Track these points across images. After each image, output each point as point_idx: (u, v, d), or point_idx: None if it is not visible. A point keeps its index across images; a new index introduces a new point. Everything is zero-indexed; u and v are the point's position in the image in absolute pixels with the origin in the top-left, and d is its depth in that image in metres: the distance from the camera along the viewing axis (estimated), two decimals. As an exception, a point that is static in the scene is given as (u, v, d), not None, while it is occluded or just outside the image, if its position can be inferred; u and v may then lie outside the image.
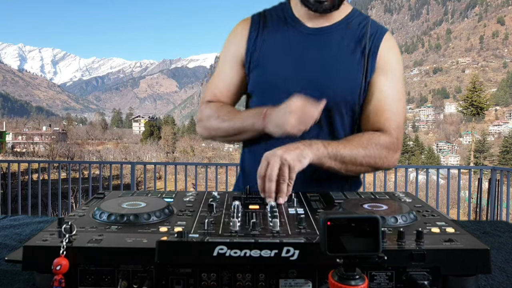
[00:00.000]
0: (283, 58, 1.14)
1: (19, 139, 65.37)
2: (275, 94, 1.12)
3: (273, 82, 1.14)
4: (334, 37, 1.15)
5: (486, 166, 6.98)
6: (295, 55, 1.14)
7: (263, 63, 1.16)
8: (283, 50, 1.15)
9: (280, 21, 1.19)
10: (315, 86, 1.10)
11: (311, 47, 1.14)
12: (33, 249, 0.64)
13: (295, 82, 1.11)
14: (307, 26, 1.16)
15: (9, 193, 5.70)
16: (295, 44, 1.15)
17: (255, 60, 1.17)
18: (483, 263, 0.63)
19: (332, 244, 0.49)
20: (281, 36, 1.16)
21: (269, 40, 1.16)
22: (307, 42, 1.14)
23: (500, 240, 1.02)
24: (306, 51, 1.14)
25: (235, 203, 0.81)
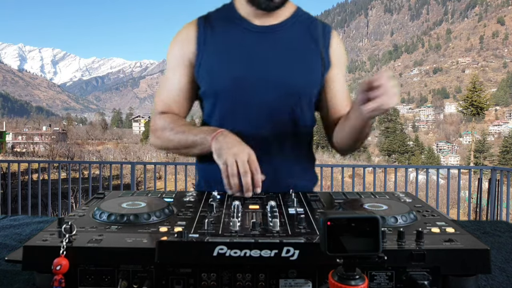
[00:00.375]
0: (235, 59, 1.12)
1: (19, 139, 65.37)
2: (229, 96, 1.12)
3: (226, 85, 1.12)
4: (285, 34, 1.15)
5: (486, 166, 6.98)
6: (247, 55, 1.12)
7: (214, 66, 1.13)
8: (234, 50, 1.13)
9: (227, 22, 1.17)
10: (268, 85, 1.10)
11: (263, 45, 1.13)
12: (33, 249, 0.64)
13: (246, 83, 1.11)
14: (256, 25, 1.15)
15: (9, 193, 5.70)
16: (245, 43, 1.13)
17: (205, 63, 1.14)
18: (483, 263, 0.63)
19: (332, 244, 0.49)
20: (230, 37, 1.15)
21: (218, 42, 1.14)
22: (257, 40, 1.13)
23: (500, 240, 1.02)
24: (258, 49, 1.13)
25: (235, 203, 0.81)
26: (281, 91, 1.11)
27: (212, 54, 1.13)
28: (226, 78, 1.11)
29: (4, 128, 63.98)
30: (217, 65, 1.13)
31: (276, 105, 1.12)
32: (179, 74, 1.18)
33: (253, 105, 1.11)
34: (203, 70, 1.14)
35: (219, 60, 1.13)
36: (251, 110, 1.12)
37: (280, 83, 1.11)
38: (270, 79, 1.10)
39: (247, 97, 1.11)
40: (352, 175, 6.75)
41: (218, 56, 1.13)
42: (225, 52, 1.13)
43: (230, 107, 1.13)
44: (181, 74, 1.18)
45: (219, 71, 1.12)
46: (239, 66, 1.11)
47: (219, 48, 1.14)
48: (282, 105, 1.12)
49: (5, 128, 65.99)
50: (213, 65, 1.13)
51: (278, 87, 1.11)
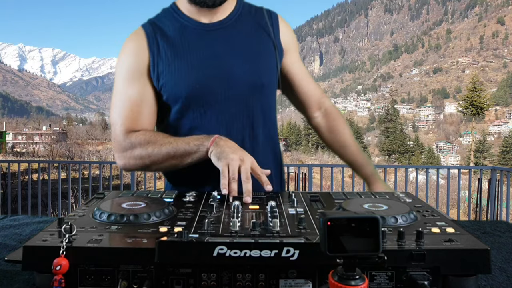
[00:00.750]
0: (194, 61, 1.10)
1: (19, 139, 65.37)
2: (194, 98, 1.10)
3: (189, 88, 1.09)
4: (236, 28, 1.15)
5: (486, 166, 6.99)
6: (205, 55, 1.11)
7: (174, 71, 1.10)
8: (191, 52, 1.11)
9: (175, 24, 1.14)
10: (233, 81, 1.11)
11: (218, 43, 1.12)
12: (33, 249, 0.64)
13: (212, 82, 1.10)
14: (206, 23, 1.13)
15: (9, 193, 5.70)
16: (200, 43, 1.12)
17: (164, 70, 1.10)
18: (483, 263, 0.63)
19: (332, 244, 0.49)
20: (184, 39, 1.12)
21: (173, 47, 1.11)
22: (211, 38, 1.13)
23: (500, 240, 1.02)
24: (213, 48, 1.12)
25: (235, 203, 0.81)
26: (245, 86, 1.12)
27: (170, 60, 1.10)
28: (188, 81, 1.09)
29: (4, 128, 63.98)
30: (177, 70, 1.10)
31: (243, 100, 1.13)
32: (138, 86, 1.11)
33: (220, 103, 1.11)
34: (164, 77, 1.10)
35: (178, 65, 1.10)
36: (220, 109, 1.12)
37: (242, 78, 1.12)
38: (232, 75, 1.11)
39: (214, 97, 1.11)
40: (352, 175, 6.75)
41: (176, 61, 1.10)
42: (182, 56, 1.10)
43: (197, 110, 1.12)
44: (140, 85, 1.11)
45: (180, 76, 1.09)
46: (199, 67, 1.10)
47: (175, 52, 1.10)
48: (249, 99, 1.14)
49: (5, 128, 65.99)
50: (173, 71, 1.10)
51: (242, 82, 1.12)
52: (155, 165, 1.09)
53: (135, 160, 1.09)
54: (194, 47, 1.11)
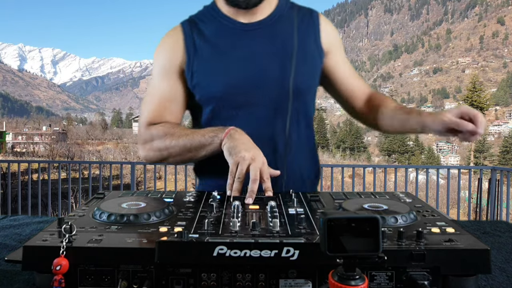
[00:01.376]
0: (230, 61, 1.09)
1: (19, 139, 65.36)
2: (228, 101, 1.09)
3: (224, 88, 1.08)
4: (276, 28, 1.12)
5: (486, 166, 6.98)
6: (243, 55, 1.09)
7: (209, 71, 1.09)
8: (228, 52, 1.09)
9: (214, 23, 1.13)
10: (268, 84, 1.08)
11: (257, 43, 1.10)
12: (33, 249, 0.64)
13: (246, 84, 1.08)
14: (244, 23, 1.11)
15: (9, 193, 5.70)
16: (239, 43, 1.10)
17: (199, 69, 1.09)
18: (483, 263, 0.63)
19: (332, 244, 0.49)
20: (222, 39, 1.11)
21: (210, 46, 1.10)
22: (250, 39, 1.10)
23: (500, 240, 1.02)
24: (252, 48, 1.09)
25: (235, 203, 0.81)
26: (280, 90, 1.08)
27: (206, 59, 1.10)
28: (222, 82, 1.08)
29: (4, 128, 63.99)
30: (213, 69, 1.09)
31: (277, 104, 1.10)
32: (169, 83, 1.13)
33: (255, 106, 1.09)
34: (198, 76, 1.10)
35: (214, 65, 1.09)
36: (254, 111, 1.09)
37: (278, 81, 1.08)
38: (269, 77, 1.08)
39: (247, 99, 1.09)
40: (352, 175, 6.75)
41: (213, 60, 1.09)
42: (219, 56, 1.09)
43: (229, 112, 1.10)
44: (172, 82, 1.12)
45: (216, 76, 1.09)
46: (236, 68, 1.08)
47: (212, 52, 1.10)
48: (284, 103, 1.10)
49: (5, 128, 65.98)
50: (207, 70, 1.09)
51: (277, 86, 1.08)
52: (173, 157, 1.10)
53: (154, 152, 1.11)
54: (231, 47, 1.10)
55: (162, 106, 1.13)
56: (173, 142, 1.07)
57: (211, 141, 1.02)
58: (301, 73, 1.10)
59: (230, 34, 1.11)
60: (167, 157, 1.10)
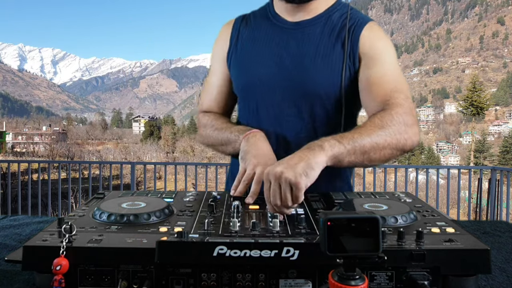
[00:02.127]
0: (263, 56, 1.11)
1: (19, 139, 65.36)
2: (257, 93, 1.11)
3: (253, 81, 1.11)
4: (314, 30, 1.10)
5: (486, 166, 6.99)
6: (275, 52, 1.10)
7: (242, 63, 1.14)
8: (263, 47, 1.12)
9: (262, 19, 1.17)
10: (295, 82, 1.08)
11: (291, 42, 1.10)
12: (33, 249, 0.64)
13: (275, 80, 1.09)
14: (288, 21, 1.12)
15: (9, 193, 5.70)
16: (274, 40, 1.12)
17: (235, 60, 1.15)
18: (483, 263, 0.63)
19: (332, 244, 0.49)
20: (261, 34, 1.14)
21: (249, 39, 1.14)
22: (286, 37, 1.11)
23: (500, 240, 1.02)
24: (285, 46, 1.10)
25: (235, 203, 0.81)
26: (300, 90, 1.08)
27: (240, 52, 1.15)
28: (251, 75, 1.12)
29: (4, 128, 63.97)
30: (245, 62, 1.14)
31: (296, 105, 1.09)
32: (217, 73, 1.20)
33: (275, 104, 1.10)
34: (233, 67, 1.16)
35: (246, 57, 1.13)
36: (273, 109, 1.10)
37: (299, 82, 1.08)
38: (291, 77, 1.08)
39: (270, 96, 1.10)
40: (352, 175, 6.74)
41: (246, 53, 1.14)
42: (252, 49, 1.13)
43: (254, 105, 1.13)
44: (220, 72, 1.20)
45: (245, 68, 1.13)
46: (264, 64, 1.10)
47: (248, 44, 1.14)
48: (302, 104, 1.09)
49: (5, 128, 65.97)
50: (240, 61, 1.14)
51: (297, 86, 1.08)
52: (212, 147, 1.18)
53: (202, 138, 1.20)
54: (265, 42, 1.12)
55: (212, 94, 1.22)
56: (210, 133, 1.15)
57: (235, 140, 1.07)
58: (322, 79, 1.07)
59: (270, 31, 1.13)
60: (207, 144, 1.19)
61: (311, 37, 1.10)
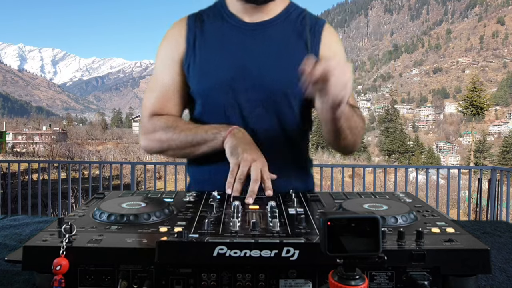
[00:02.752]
0: (224, 58, 1.09)
1: (19, 139, 65.34)
2: (220, 96, 1.09)
3: (216, 84, 1.09)
4: (274, 31, 1.11)
5: (486, 166, 6.99)
6: (236, 54, 1.09)
7: (203, 65, 1.10)
8: (223, 49, 1.10)
9: (217, 19, 1.14)
10: (261, 84, 1.08)
11: (252, 44, 1.10)
12: (33, 249, 0.64)
13: (239, 82, 1.08)
14: (246, 22, 1.11)
15: (9, 193, 5.70)
16: (235, 42, 1.10)
17: (194, 62, 1.11)
18: (483, 263, 0.63)
19: (332, 244, 0.49)
20: (220, 35, 1.11)
21: (208, 41, 1.11)
22: (247, 38, 1.10)
23: (500, 240, 1.02)
24: (247, 48, 1.10)
25: (235, 203, 0.81)
26: (266, 91, 1.08)
27: (202, 53, 1.11)
28: (214, 77, 1.09)
29: (4, 128, 63.98)
30: (206, 64, 1.10)
31: (263, 105, 1.10)
32: (171, 74, 1.14)
33: (241, 105, 1.09)
34: (193, 69, 1.11)
35: (208, 59, 1.10)
36: (240, 110, 1.10)
37: (265, 82, 1.08)
38: (256, 78, 1.08)
39: (236, 97, 1.09)
40: (352, 175, 6.75)
41: (208, 55, 1.10)
42: (214, 51, 1.10)
43: (218, 108, 1.10)
44: (173, 73, 1.14)
45: (208, 71, 1.10)
46: (228, 66, 1.09)
47: (208, 47, 1.11)
48: (269, 105, 1.10)
49: (5, 128, 65.97)
50: (202, 65, 1.10)
51: (263, 86, 1.08)
52: (173, 150, 1.12)
53: (155, 143, 1.13)
54: (226, 45, 1.10)
55: (163, 97, 1.15)
56: (175, 135, 1.08)
57: (213, 138, 1.04)
58: (289, 78, 1.08)
59: (228, 32, 1.11)
60: (167, 149, 1.12)
61: (272, 37, 1.11)
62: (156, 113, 1.14)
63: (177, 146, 1.09)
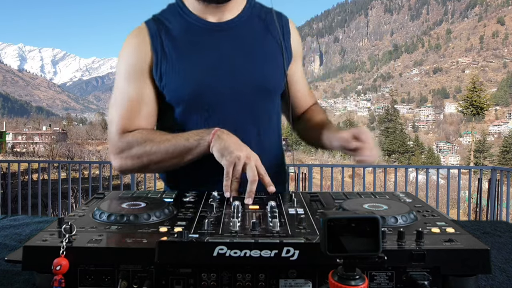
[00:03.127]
0: (198, 62, 1.06)
1: (19, 139, 65.35)
2: (199, 102, 1.06)
3: (193, 90, 1.05)
4: (243, 29, 1.11)
5: (486, 166, 6.99)
6: (211, 56, 1.07)
7: (178, 72, 1.05)
8: (197, 52, 1.07)
9: (179, 22, 1.09)
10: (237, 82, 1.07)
11: (225, 44, 1.08)
12: (33, 249, 0.64)
13: (217, 85, 1.06)
14: (212, 22, 1.09)
15: (9, 193, 5.70)
16: (205, 43, 1.08)
17: (169, 69, 1.06)
18: (483, 263, 0.63)
19: (332, 244, 0.49)
20: (189, 38, 1.08)
21: (178, 45, 1.07)
22: (218, 39, 1.08)
23: (500, 240, 1.02)
24: (220, 49, 1.08)
25: (235, 203, 0.81)
26: (250, 90, 1.08)
27: (174, 60, 1.06)
28: (192, 83, 1.05)
29: (4, 128, 63.97)
30: (181, 71, 1.06)
31: (248, 105, 1.09)
32: (138, 85, 1.07)
33: (225, 108, 1.07)
34: (167, 78, 1.06)
35: (182, 66, 1.06)
36: (225, 113, 1.08)
37: (248, 82, 1.08)
38: (238, 78, 1.07)
39: (218, 101, 1.07)
40: (352, 175, 6.75)
41: (181, 61, 1.06)
42: (187, 56, 1.06)
43: (201, 114, 1.08)
44: (140, 84, 1.07)
45: (183, 77, 1.06)
46: (205, 69, 1.06)
47: (179, 52, 1.07)
48: (254, 104, 1.10)
49: (5, 128, 65.98)
50: (176, 71, 1.06)
51: (247, 86, 1.08)
52: (154, 165, 1.04)
53: (132, 160, 1.04)
54: (200, 47, 1.07)
55: (132, 111, 1.07)
56: (153, 148, 1.01)
57: (197, 144, 0.98)
58: (269, 74, 1.11)
59: (198, 34, 1.09)
60: (148, 164, 1.03)
61: (243, 35, 1.11)
62: (126, 129, 1.06)
63: (159, 159, 1.02)
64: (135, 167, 1.05)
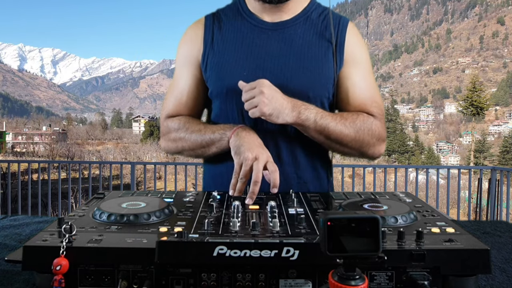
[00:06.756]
0: (244, 58, 1.07)
1: (19, 139, 65.33)
2: (237, 97, 1.04)
3: (234, 84, 1.04)
4: (295, 30, 1.09)
5: (486, 166, 6.99)
6: (256, 54, 1.07)
7: (222, 65, 1.08)
8: (243, 49, 1.08)
9: (236, 18, 1.12)
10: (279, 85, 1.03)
11: (272, 44, 1.08)
12: (33, 249, 0.64)
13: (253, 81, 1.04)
14: (266, 21, 1.09)
15: (9, 193, 5.70)
16: (255, 41, 1.08)
17: (213, 62, 1.09)
18: (483, 263, 0.63)
19: (332, 244, 0.49)
20: (239, 34, 1.09)
21: (227, 40, 1.10)
22: (267, 38, 1.08)
23: (500, 240, 1.02)
24: (267, 48, 1.07)
25: (235, 203, 0.81)
26: (287, 92, 1.04)
27: (219, 54, 1.09)
28: (233, 78, 1.06)
29: (4, 128, 63.97)
30: (225, 64, 1.08)
31: None
32: (187, 75, 1.14)
33: None
34: (211, 70, 1.10)
35: (226, 60, 1.08)
36: None
37: (286, 83, 1.05)
38: (277, 79, 1.05)
39: None
40: (352, 175, 6.75)
41: (226, 55, 1.09)
42: (233, 51, 1.08)
43: (237, 109, 1.08)
44: (190, 74, 1.14)
45: (226, 71, 1.08)
46: (247, 66, 1.07)
47: (227, 47, 1.09)
48: None
49: (5, 128, 65.97)
50: (220, 65, 1.09)
51: (285, 88, 1.04)
52: (186, 151, 1.13)
53: (171, 143, 1.14)
54: (246, 44, 1.08)
55: (179, 99, 1.15)
56: (186, 136, 1.09)
57: (220, 138, 1.04)
58: (310, 80, 1.06)
59: (248, 32, 1.09)
60: (182, 150, 1.13)
61: (293, 37, 1.09)
62: (170, 115, 1.16)
63: (189, 147, 1.10)
64: (173, 150, 1.16)
